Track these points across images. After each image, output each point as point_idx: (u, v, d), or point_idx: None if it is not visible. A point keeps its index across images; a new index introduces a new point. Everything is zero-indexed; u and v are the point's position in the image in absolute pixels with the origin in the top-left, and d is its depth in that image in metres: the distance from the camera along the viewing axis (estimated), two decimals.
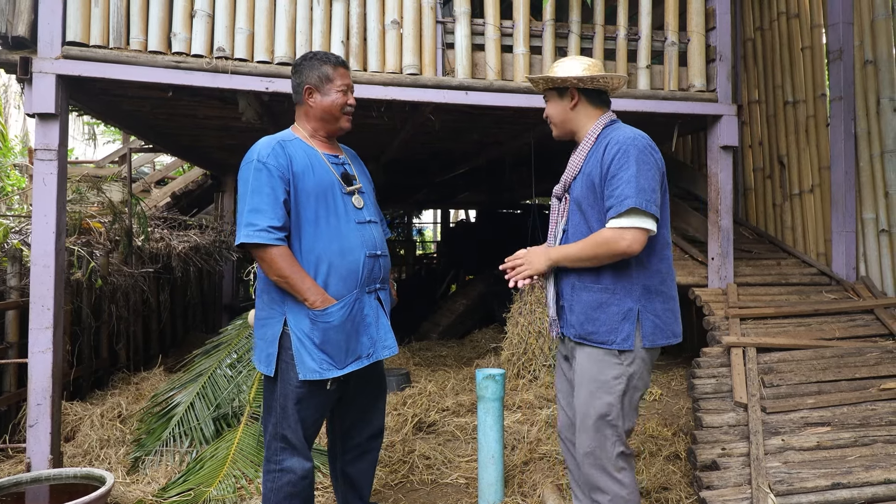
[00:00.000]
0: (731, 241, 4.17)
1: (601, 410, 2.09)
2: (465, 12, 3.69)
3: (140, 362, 5.51)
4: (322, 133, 2.39)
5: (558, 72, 2.21)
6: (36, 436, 3.12)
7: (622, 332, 2.08)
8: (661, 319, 2.12)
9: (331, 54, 2.37)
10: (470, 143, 6.12)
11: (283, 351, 2.23)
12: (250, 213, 2.15)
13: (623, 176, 2.02)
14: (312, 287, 2.18)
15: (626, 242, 2.01)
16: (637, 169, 2.02)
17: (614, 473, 2.10)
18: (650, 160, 2.06)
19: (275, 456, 2.27)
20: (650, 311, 2.11)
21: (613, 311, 2.09)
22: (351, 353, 2.25)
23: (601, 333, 2.10)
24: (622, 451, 2.11)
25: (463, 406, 4.32)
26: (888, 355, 3.45)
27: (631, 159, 2.03)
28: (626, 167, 2.02)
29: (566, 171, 2.23)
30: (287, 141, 2.29)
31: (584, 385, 2.13)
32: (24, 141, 13.03)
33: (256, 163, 2.19)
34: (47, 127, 3.18)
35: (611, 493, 2.09)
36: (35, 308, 3.15)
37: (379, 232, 2.43)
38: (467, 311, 7.62)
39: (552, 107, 2.27)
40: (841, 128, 4.37)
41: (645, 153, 2.05)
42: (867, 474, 2.61)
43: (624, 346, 2.07)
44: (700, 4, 4.05)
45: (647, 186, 2.02)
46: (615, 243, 2.02)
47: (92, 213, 5.70)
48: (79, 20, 3.21)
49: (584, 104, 2.21)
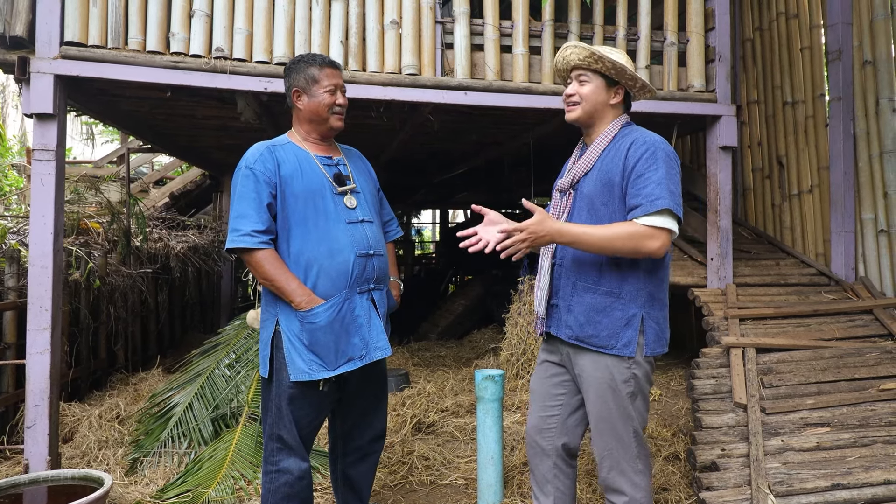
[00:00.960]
0: (730, 241, 4.17)
1: (615, 412, 2.07)
2: (465, 12, 3.69)
3: (138, 363, 5.50)
4: (315, 135, 2.39)
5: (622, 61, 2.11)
6: (34, 437, 3.11)
7: (623, 337, 2.05)
8: (660, 327, 2.10)
9: (318, 55, 2.38)
10: (469, 144, 6.12)
11: (276, 352, 2.26)
12: (235, 219, 2.21)
13: (652, 176, 1.98)
14: (298, 288, 2.20)
15: (658, 242, 1.96)
16: (667, 171, 2.00)
17: (632, 476, 2.09)
18: (676, 166, 2.05)
19: (272, 457, 2.27)
20: (653, 318, 2.07)
21: (617, 316, 2.06)
22: (342, 355, 2.25)
23: (601, 338, 2.06)
24: (641, 453, 2.10)
25: (462, 407, 4.32)
26: (887, 356, 3.45)
27: (660, 161, 2.00)
28: (656, 168, 1.99)
29: (576, 166, 2.17)
30: (278, 146, 2.32)
31: (594, 390, 2.10)
32: (22, 141, 13.02)
33: (244, 169, 2.24)
34: (45, 127, 3.17)
35: (628, 495, 2.08)
36: (33, 309, 3.14)
37: (373, 231, 2.41)
38: (466, 312, 7.62)
39: (592, 90, 2.12)
40: (840, 128, 4.37)
41: (671, 158, 2.04)
42: (867, 475, 2.61)
43: (624, 352, 2.04)
44: (699, 5, 4.05)
45: (675, 191, 2.00)
46: (647, 240, 1.95)
47: (90, 213, 5.69)
48: (77, 20, 3.21)
49: (621, 104, 2.18)
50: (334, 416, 2.51)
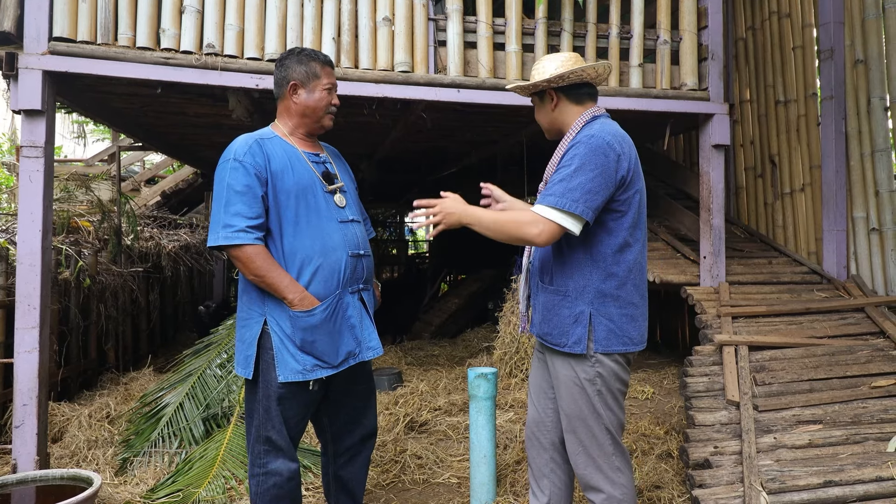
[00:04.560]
0: (722, 239, 4.17)
1: (584, 410, 2.07)
2: (458, 10, 3.68)
3: (129, 362, 5.46)
4: (302, 130, 2.33)
5: (534, 76, 2.18)
6: (22, 437, 3.08)
7: (573, 335, 2.06)
8: (615, 324, 2.06)
9: (319, 52, 2.33)
10: (462, 143, 6.11)
11: (263, 352, 2.19)
12: (227, 214, 2.11)
13: (563, 172, 2.00)
14: (291, 285, 2.14)
15: (536, 230, 1.97)
16: (578, 167, 1.98)
17: (609, 473, 2.08)
18: (599, 161, 1.98)
19: (259, 459, 2.23)
20: (604, 314, 2.06)
21: (565, 314, 2.08)
22: (339, 354, 2.23)
23: (554, 335, 2.10)
24: (617, 450, 2.10)
25: (455, 405, 4.31)
26: (879, 353, 3.46)
27: (577, 158, 1.99)
28: (570, 164, 2.00)
29: (548, 168, 2.19)
30: (265, 139, 2.24)
31: (562, 386, 2.13)
32: (12, 139, 12.90)
33: (233, 161, 2.15)
34: (34, 123, 3.13)
35: (606, 493, 2.08)
36: (21, 307, 3.11)
37: (362, 231, 2.38)
38: (459, 311, 7.61)
39: (537, 111, 2.26)
40: (832, 127, 4.38)
41: (596, 153, 1.98)
42: (859, 472, 2.61)
43: (575, 349, 2.05)
44: (692, 3, 4.05)
45: (581, 186, 1.96)
46: (527, 227, 1.98)
47: (80, 211, 5.64)
48: (66, 15, 3.17)
49: (564, 103, 2.17)
50: (323, 418, 2.48)
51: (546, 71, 2.15)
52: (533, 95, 2.24)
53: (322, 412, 2.45)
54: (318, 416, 2.48)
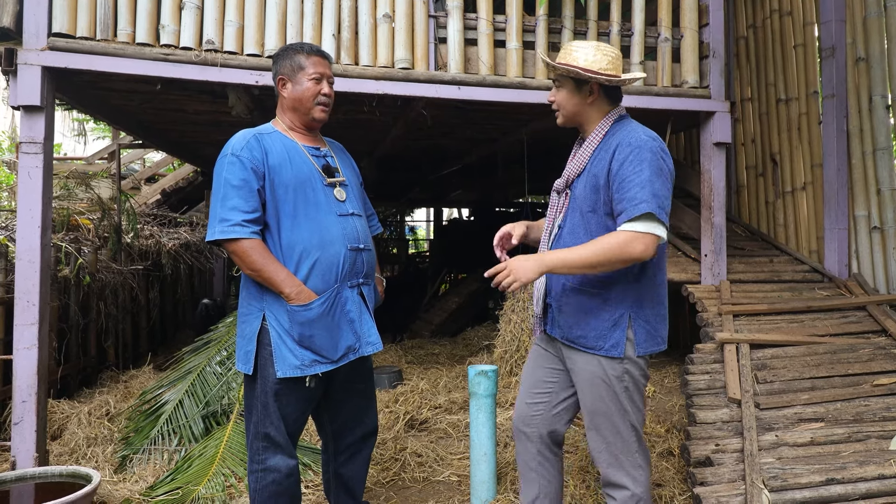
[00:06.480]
0: (724, 238, 4.16)
1: (611, 407, 2.06)
2: (458, 6, 3.66)
3: (129, 360, 5.45)
4: (298, 124, 2.33)
5: (579, 60, 2.07)
6: (21, 433, 3.07)
7: (611, 339, 2.03)
8: (651, 325, 2.07)
9: (306, 44, 2.33)
10: (462, 140, 6.10)
11: (262, 347, 2.19)
12: (224, 209, 2.11)
13: (636, 179, 1.94)
14: (287, 279, 2.13)
15: (642, 247, 1.91)
16: (651, 173, 1.94)
17: (631, 470, 2.08)
18: (664, 165, 1.99)
19: (257, 455, 2.22)
20: (642, 318, 2.05)
21: (605, 318, 2.04)
22: (338, 349, 2.22)
23: (589, 339, 2.06)
24: (640, 448, 2.09)
25: (455, 403, 4.30)
26: (881, 352, 3.45)
27: (645, 163, 1.95)
28: (640, 171, 1.94)
29: (569, 166, 2.16)
30: (264, 134, 2.25)
31: (588, 385, 2.09)
32: (12, 137, 12.89)
33: (230, 156, 2.16)
34: (33, 120, 3.12)
35: (629, 490, 2.07)
36: (20, 304, 3.10)
37: (363, 225, 2.37)
38: (460, 309, 7.60)
39: (565, 96, 2.13)
40: (833, 125, 4.36)
41: (658, 156, 1.98)
42: (861, 470, 2.60)
43: (612, 353, 2.03)
44: (693, 1, 4.04)
45: (661, 193, 1.94)
46: (630, 247, 1.90)
47: (80, 209, 5.63)
48: (65, 11, 3.16)
49: (602, 100, 2.12)
50: (324, 415, 2.47)
51: (597, 62, 2.06)
52: (566, 78, 2.12)
53: (322, 410, 2.44)
54: (318, 414, 2.47)
